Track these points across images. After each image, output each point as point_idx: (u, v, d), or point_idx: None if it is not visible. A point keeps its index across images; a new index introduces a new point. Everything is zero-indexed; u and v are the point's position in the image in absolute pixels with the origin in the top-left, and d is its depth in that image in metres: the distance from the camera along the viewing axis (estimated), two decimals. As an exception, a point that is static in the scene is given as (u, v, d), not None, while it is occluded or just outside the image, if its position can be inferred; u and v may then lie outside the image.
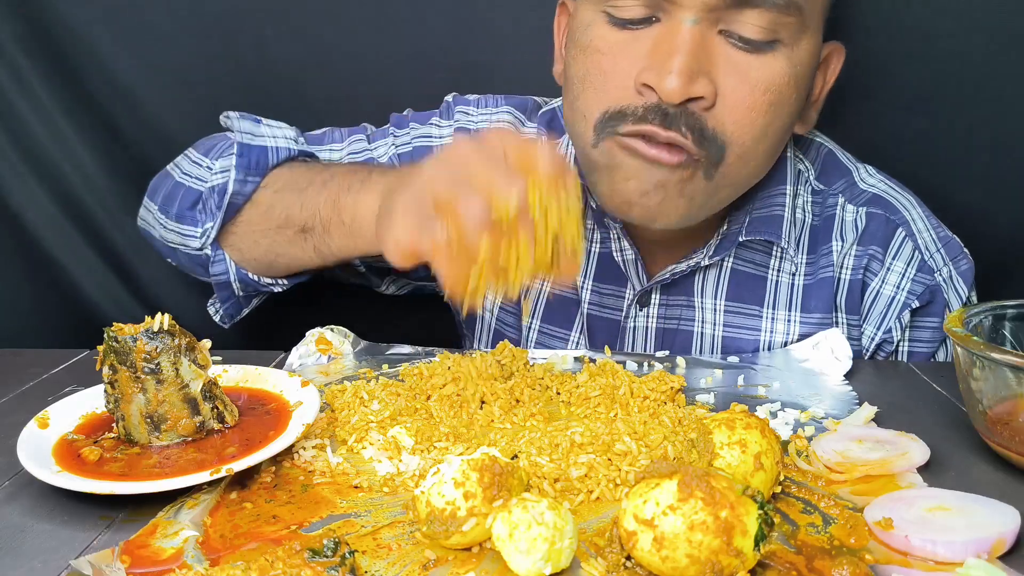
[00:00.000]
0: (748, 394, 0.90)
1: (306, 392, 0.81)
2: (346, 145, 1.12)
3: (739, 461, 0.67)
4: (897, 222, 1.03)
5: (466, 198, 0.70)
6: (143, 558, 0.61)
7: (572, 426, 0.77)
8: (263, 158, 1.02)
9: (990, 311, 0.82)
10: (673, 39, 0.87)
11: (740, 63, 0.88)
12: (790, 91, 0.91)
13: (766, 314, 1.03)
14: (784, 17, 0.87)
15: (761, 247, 1.03)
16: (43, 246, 1.30)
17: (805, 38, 0.90)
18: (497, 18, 1.26)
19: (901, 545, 0.62)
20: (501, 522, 0.59)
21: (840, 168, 1.08)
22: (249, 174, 1.01)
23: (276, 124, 1.07)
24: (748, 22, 0.87)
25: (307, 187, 0.97)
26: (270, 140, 1.04)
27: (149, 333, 0.74)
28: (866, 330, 1.04)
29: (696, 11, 0.86)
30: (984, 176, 1.23)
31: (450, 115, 1.13)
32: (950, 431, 0.81)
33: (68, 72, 1.26)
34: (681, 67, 0.86)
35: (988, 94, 1.20)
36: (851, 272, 1.03)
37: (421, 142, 1.11)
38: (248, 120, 1.05)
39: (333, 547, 0.60)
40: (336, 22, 1.26)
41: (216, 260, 1.05)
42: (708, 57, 0.87)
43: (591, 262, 1.07)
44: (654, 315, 1.06)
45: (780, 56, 0.89)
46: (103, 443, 0.75)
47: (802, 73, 0.92)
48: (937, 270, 1.02)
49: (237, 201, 1.01)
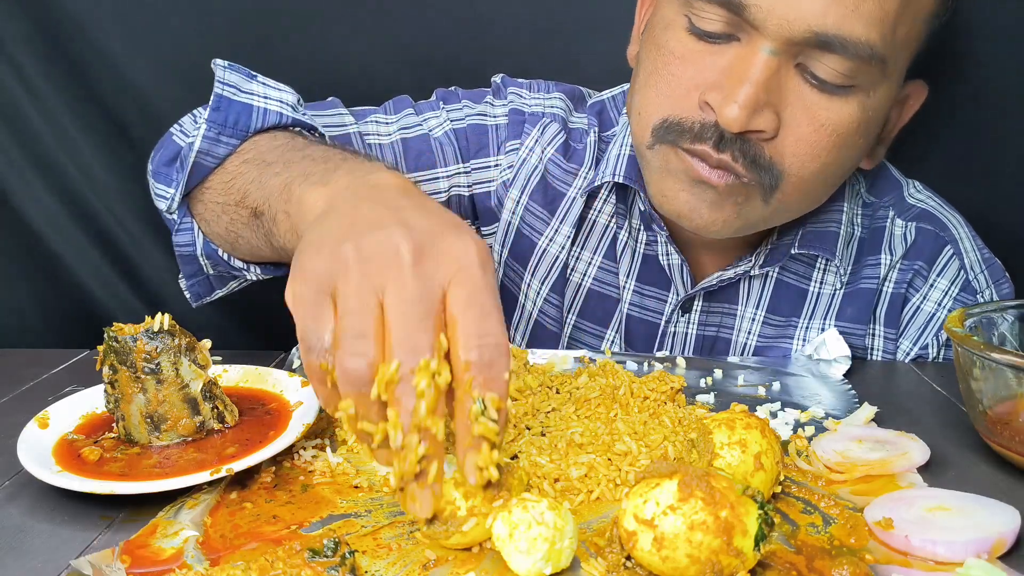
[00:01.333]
0: (748, 394, 0.90)
1: (306, 392, 0.81)
2: (397, 119, 1.07)
3: (739, 461, 0.67)
4: (946, 239, 1.03)
5: (354, 338, 0.57)
6: (143, 558, 0.61)
7: (572, 426, 0.77)
8: (244, 117, 0.90)
9: (990, 311, 0.82)
10: (747, 66, 0.85)
11: (811, 101, 0.87)
12: (857, 136, 0.90)
13: (801, 324, 1.03)
14: (865, 66, 0.85)
15: (807, 259, 1.03)
16: (46, 245, 1.30)
17: (884, 85, 0.89)
18: (498, 18, 1.26)
19: (901, 545, 0.62)
20: (501, 522, 0.59)
21: (891, 181, 1.08)
22: (224, 133, 0.89)
23: (274, 84, 0.94)
24: (827, 65, 0.85)
25: (272, 163, 0.83)
26: (259, 100, 0.92)
27: (149, 333, 0.74)
28: (902, 344, 1.03)
29: (777, 43, 0.84)
30: (984, 175, 1.23)
31: (502, 95, 1.11)
32: (950, 431, 0.81)
33: (73, 70, 1.26)
34: (746, 99, 0.84)
35: (989, 93, 1.20)
36: (894, 286, 1.03)
37: (476, 120, 1.09)
38: (237, 73, 0.93)
39: (333, 547, 0.60)
40: (343, 23, 1.26)
41: (182, 228, 0.94)
42: (778, 89, 0.86)
43: (635, 262, 1.06)
44: (695, 321, 1.05)
45: (853, 102, 0.87)
46: (103, 443, 0.75)
47: (874, 118, 0.90)
48: (980, 291, 1.02)
49: (206, 162, 0.89)
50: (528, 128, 1.08)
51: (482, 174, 1.09)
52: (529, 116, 1.09)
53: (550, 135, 1.08)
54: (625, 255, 1.06)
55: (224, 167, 0.90)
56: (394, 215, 0.61)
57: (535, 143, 1.08)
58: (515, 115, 1.09)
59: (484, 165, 1.09)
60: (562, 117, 1.09)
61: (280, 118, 0.92)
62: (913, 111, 0.99)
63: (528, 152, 1.08)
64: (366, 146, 1.06)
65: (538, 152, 1.08)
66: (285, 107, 0.93)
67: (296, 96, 0.96)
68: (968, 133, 1.21)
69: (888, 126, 0.98)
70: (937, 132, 1.21)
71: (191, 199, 0.93)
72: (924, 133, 1.21)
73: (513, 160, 1.08)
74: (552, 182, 1.08)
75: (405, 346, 0.57)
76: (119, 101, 1.28)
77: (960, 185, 1.18)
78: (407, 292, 0.58)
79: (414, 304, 0.58)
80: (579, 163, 1.08)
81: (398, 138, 1.07)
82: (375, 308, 0.58)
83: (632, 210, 1.04)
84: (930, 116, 1.03)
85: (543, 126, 1.08)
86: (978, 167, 1.23)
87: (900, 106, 0.98)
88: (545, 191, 1.08)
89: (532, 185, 1.08)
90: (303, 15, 1.26)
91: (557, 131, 1.08)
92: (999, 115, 1.20)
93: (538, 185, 1.08)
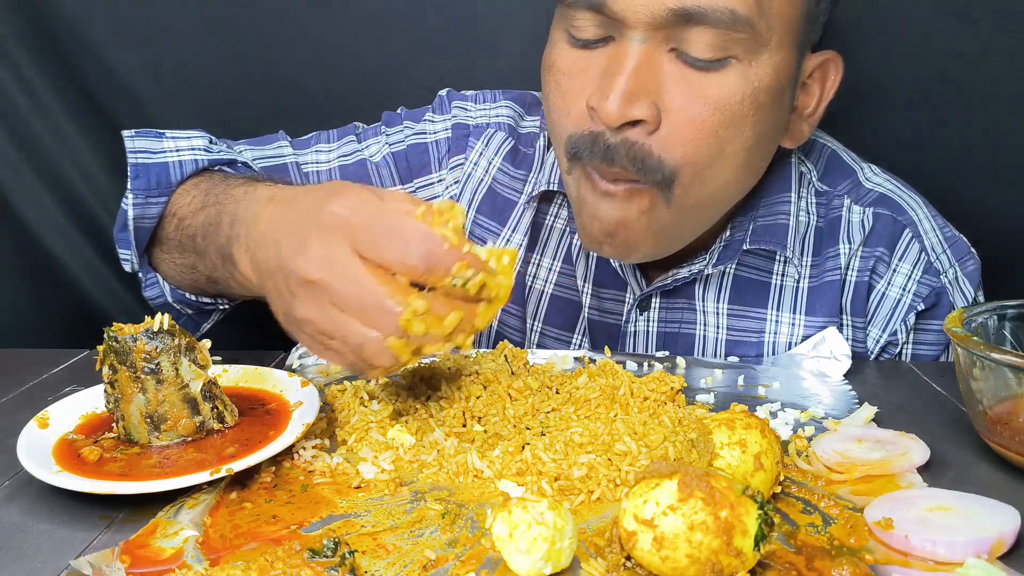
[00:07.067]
0: (748, 394, 0.90)
1: (306, 392, 0.81)
2: (337, 147, 1.11)
3: (739, 461, 0.67)
4: (904, 223, 1.02)
5: (345, 330, 0.70)
6: (143, 558, 0.61)
7: (572, 426, 0.77)
8: (164, 176, 0.97)
9: (990, 311, 0.82)
10: (619, 59, 0.86)
11: (689, 81, 0.86)
12: (746, 109, 0.87)
13: (770, 316, 1.03)
14: (734, 34, 0.84)
15: (764, 253, 1.02)
16: (44, 245, 1.30)
17: (766, 53, 0.87)
18: (496, 17, 1.26)
19: (901, 545, 0.62)
20: (501, 522, 0.59)
21: (844, 168, 1.06)
22: (151, 195, 0.96)
23: (183, 135, 1.00)
24: (697, 40, 0.84)
25: (195, 233, 0.91)
26: (172, 155, 0.98)
27: (149, 333, 0.74)
28: (871, 332, 1.03)
29: (642, 30, 0.84)
30: (985, 173, 1.23)
31: (445, 110, 1.12)
32: (950, 431, 0.81)
33: (70, 71, 1.26)
34: (619, 90, 0.84)
35: (989, 92, 1.20)
36: (857, 274, 1.02)
37: (415, 139, 1.10)
38: (145, 137, 0.99)
39: (333, 547, 0.60)
40: (337, 22, 1.26)
41: (148, 284, 1.01)
42: (655, 77, 0.86)
43: (591, 265, 1.06)
44: (655, 319, 1.05)
45: (732, 74, 0.86)
46: (103, 443, 0.75)
47: (763, 89, 0.88)
48: (943, 272, 1.01)
49: (144, 225, 0.97)
50: (472, 141, 1.09)
51: (426, 191, 1.11)
52: (473, 129, 1.10)
53: (496, 145, 1.09)
54: (580, 259, 1.06)
55: (166, 230, 0.97)
56: (288, 255, 0.72)
57: (479, 156, 1.09)
58: (458, 129, 1.10)
59: (427, 182, 1.11)
60: (510, 125, 1.10)
61: (196, 164, 0.98)
62: (836, 84, 0.97)
63: (473, 166, 1.09)
64: (303, 175, 1.10)
65: (483, 164, 1.09)
66: (198, 152, 0.99)
67: (207, 137, 1.02)
68: (968, 131, 1.22)
69: (808, 101, 0.96)
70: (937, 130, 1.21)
71: (151, 257, 1.00)
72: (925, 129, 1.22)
73: (459, 175, 1.09)
74: (501, 191, 1.08)
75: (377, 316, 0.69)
76: (116, 102, 1.28)
77: (961, 181, 1.19)
78: (338, 288, 0.69)
79: (351, 286, 0.69)
80: (528, 168, 1.08)
81: (336, 165, 1.09)
82: (345, 319, 0.70)
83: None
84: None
85: (487, 137, 1.09)
86: (979, 164, 1.23)
87: (821, 79, 0.96)
88: (494, 202, 1.08)
89: (479, 198, 1.09)
90: (294, 16, 1.26)
91: (503, 139, 1.09)
92: (999, 113, 1.20)
93: (485, 197, 1.09)
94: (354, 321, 0.70)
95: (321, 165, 1.10)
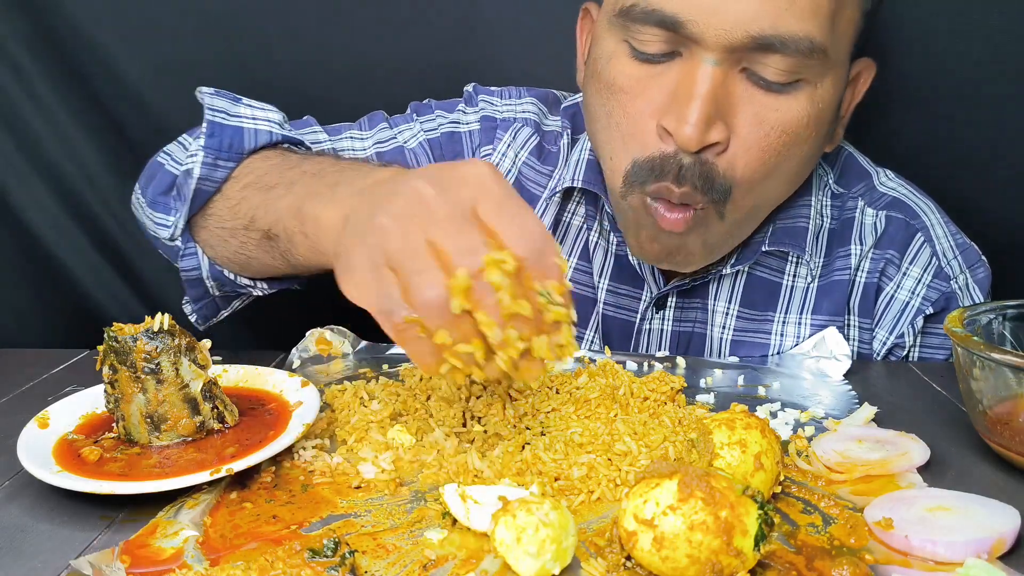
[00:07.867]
0: (748, 394, 0.90)
1: (306, 392, 0.81)
2: (372, 134, 1.09)
3: (739, 461, 0.67)
4: (916, 227, 1.03)
5: (418, 274, 0.62)
6: (143, 558, 0.61)
7: (572, 426, 0.77)
8: (237, 140, 0.93)
9: (990, 311, 0.82)
10: (693, 81, 0.85)
11: (760, 103, 0.87)
12: (809, 131, 0.89)
13: (777, 318, 1.03)
14: (808, 59, 0.85)
15: (778, 254, 1.03)
16: (45, 246, 1.30)
17: (831, 74, 0.89)
18: (499, 18, 1.26)
19: (901, 545, 0.62)
20: (504, 527, 0.59)
21: (859, 171, 1.07)
22: (220, 157, 0.92)
23: (259, 105, 0.97)
24: (771, 64, 0.85)
25: (275, 185, 0.87)
26: (248, 122, 0.95)
27: (149, 333, 0.74)
28: (878, 334, 1.03)
29: (718, 53, 0.84)
30: (985, 173, 1.23)
31: (473, 103, 1.11)
32: (950, 431, 0.81)
33: (72, 72, 1.26)
34: (698, 117, 0.84)
35: (988, 91, 1.20)
36: (867, 275, 1.03)
37: (450, 128, 1.10)
38: (223, 98, 0.96)
39: (333, 547, 0.60)
40: (340, 23, 1.26)
41: (187, 254, 0.96)
42: (727, 97, 0.86)
43: (608, 262, 1.06)
44: (670, 318, 1.05)
45: (802, 96, 0.87)
46: (103, 443, 0.75)
47: (825, 108, 0.90)
48: (953, 277, 1.02)
49: (207, 188, 0.92)
50: (500, 134, 1.09)
51: None
52: (501, 122, 1.10)
53: (522, 139, 1.09)
54: (597, 255, 1.07)
55: (224, 193, 0.92)
56: (404, 180, 0.66)
57: (507, 147, 1.08)
58: (487, 122, 1.10)
59: None
60: (535, 121, 1.10)
61: (271, 137, 0.95)
62: (865, 88, 0.99)
63: (501, 157, 1.09)
64: None
65: (511, 156, 1.08)
66: (274, 126, 0.96)
67: (281, 114, 0.99)
68: (969, 132, 1.22)
69: (844, 106, 0.98)
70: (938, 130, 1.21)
71: (192, 225, 0.96)
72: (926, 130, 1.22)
73: None
74: (526, 185, 1.08)
75: (462, 252, 0.62)
76: (118, 102, 1.28)
77: (961, 181, 1.18)
78: (443, 215, 0.63)
79: (453, 220, 0.63)
80: (553, 165, 1.09)
81: (373, 152, 1.08)
82: (425, 246, 0.62)
83: (600, 212, 1.05)
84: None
85: (515, 131, 1.09)
86: (979, 164, 1.23)
87: (853, 85, 0.97)
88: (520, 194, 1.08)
89: None
90: (297, 16, 1.26)
91: (530, 135, 1.09)
92: (1000, 114, 1.20)
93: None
94: (428, 252, 0.62)
95: (358, 152, 1.08)
